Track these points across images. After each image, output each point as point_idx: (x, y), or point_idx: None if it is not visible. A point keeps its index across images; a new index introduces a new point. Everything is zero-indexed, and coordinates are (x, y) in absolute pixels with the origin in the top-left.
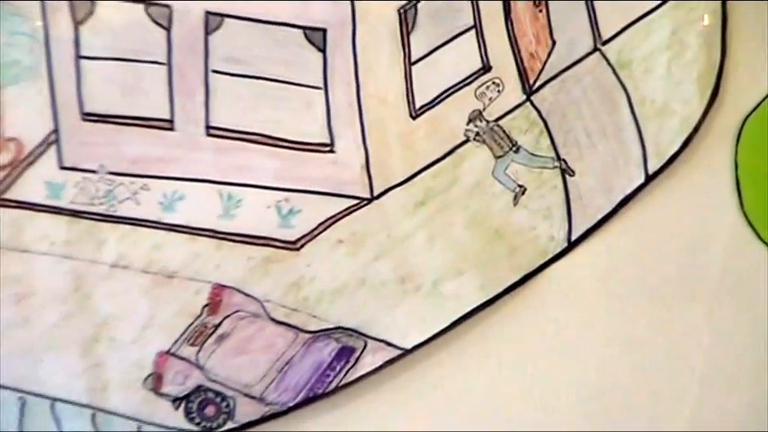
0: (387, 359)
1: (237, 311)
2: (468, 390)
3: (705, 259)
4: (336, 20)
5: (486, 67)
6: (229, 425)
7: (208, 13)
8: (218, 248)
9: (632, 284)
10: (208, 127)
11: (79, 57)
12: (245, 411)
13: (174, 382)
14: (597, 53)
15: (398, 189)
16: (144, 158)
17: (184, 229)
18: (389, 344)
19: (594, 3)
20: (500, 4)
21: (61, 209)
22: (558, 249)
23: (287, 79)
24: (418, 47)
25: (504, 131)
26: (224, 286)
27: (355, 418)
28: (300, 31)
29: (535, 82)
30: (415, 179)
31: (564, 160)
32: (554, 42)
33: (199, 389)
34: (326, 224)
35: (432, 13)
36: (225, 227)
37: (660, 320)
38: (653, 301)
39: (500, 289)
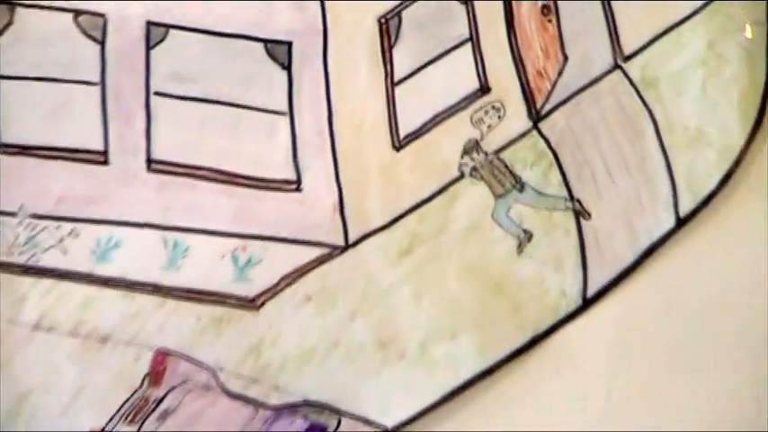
0: None
1: (185, 382)
2: None
3: (746, 319)
4: (304, 31)
5: (484, 88)
6: None
7: (149, 23)
8: (162, 306)
9: (659, 349)
10: (149, 160)
11: None
12: None
13: None
14: (618, 70)
15: (379, 235)
16: (72, 198)
17: (121, 284)
18: (368, 421)
19: (615, 10)
20: (501, 11)
21: None
22: (572, 307)
23: (244, 102)
24: (403, 63)
25: (506, 165)
26: (168, 352)
27: None
28: (261, 44)
29: (543, 105)
30: (399, 222)
31: (578, 200)
32: (566, 58)
33: None
34: (292, 277)
35: (419, 22)
36: (170, 280)
37: (693, 392)
38: (684, 368)
39: (502, 354)
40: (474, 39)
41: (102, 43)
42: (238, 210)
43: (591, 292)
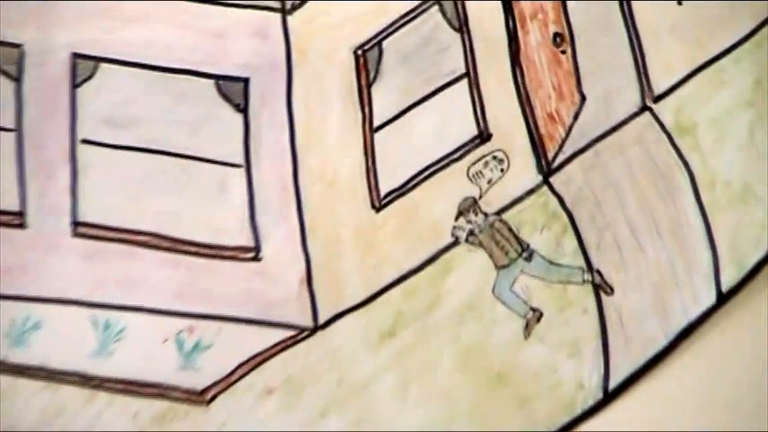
0: None
1: None
2: None
3: None
4: (264, 65)
5: (483, 135)
6: None
7: (75, 55)
8: (91, 400)
9: None
10: (75, 222)
11: None
12: None
13: None
14: (647, 113)
15: (356, 313)
16: None
17: (41, 373)
18: None
19: (643, 39)
20: (504, 40)
21: None
22: (591, 402)
23: (192, 152)
24: (384, 104)
25: (510, 229)
26: None
27: None
28: (212, 81)
29: (556, 156)
30: (381, 298)
31: (598, 271)
32: (584, 97)
33: None
34: (250, 365)
35: (404, 54)
36: (101, 369)
37: None
38: None
39: None
40: (471, 74)
41: (19, 80)
42: (184, 283)
43: (614, 383)
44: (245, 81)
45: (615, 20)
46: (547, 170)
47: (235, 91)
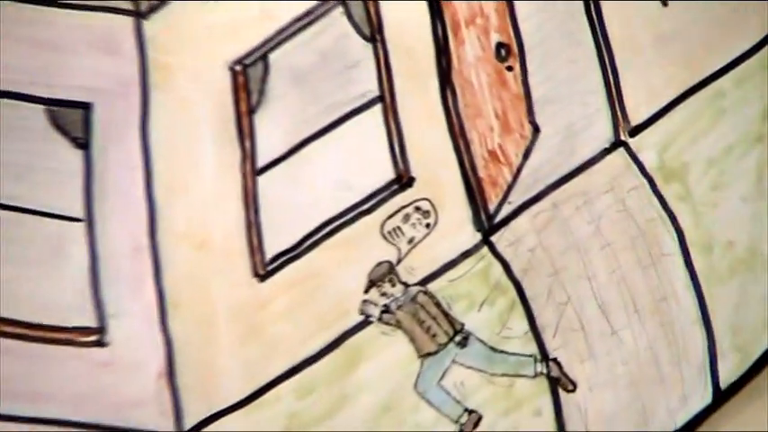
0: None
1: None
2: None
3: None
4: (111, 86)
5: (403, 179)
6: None
7: None
8: None
9: None
10: None
11: None
12: None
13: None
14: (621, 150)
15: (234, 417)
16: None
17: None
18: None
19: (616, 52)
20: (431, 53)
21: None
22: None
23: (17, 202)
24: (271, 138)
25: (438, 304)
26: None
27: None
28: (42, 107)
29: (500, 207)
30: (267, 397)
31: (556, 360)
32: (537, 130)
33: None
34: None
35: (298, 72)
36: None
37: None
38: None
39: None
40: (387, 99)
41: None
42: (8, 378)
43: None
44: (86, 108)
45: (579, 27)
46: (488, 226)
47: (72, 121)
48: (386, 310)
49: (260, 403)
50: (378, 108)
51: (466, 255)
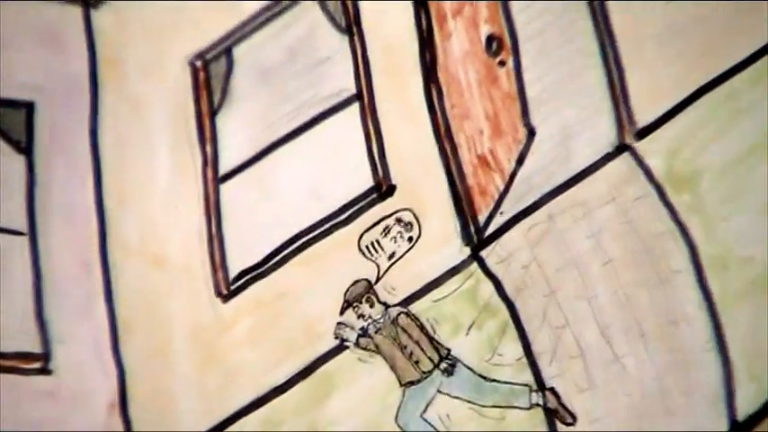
0: None
1: None
2: None
3: None
4: (56, 84)
5: (382, 187)
6: None
7: None
8: None
9: None
10: None
11: None
12: None
13: None
14: (626, 156)
15: None
16: None
17: None
18: None
19: (620, 46)
20: (414, 46)
21: None
22: None
23: None
24: (236, 142)
25: (422, 327)
26: None
27: None
28: None
29: (491, 218)
30: (229, 430)
31: (553, 390)
32: (532, 133)
33: None
34: None
35: (266, 68)
36: None
37: None
38: None
39: None
40: (365, 97)
41: None
42: None
43: None
44: (29, 108)
45: (580, 18)
46: (477, 240)
47: (14, 123)
48: (363, 333)
49: None
50: (354, 108)
51: (453, 272)
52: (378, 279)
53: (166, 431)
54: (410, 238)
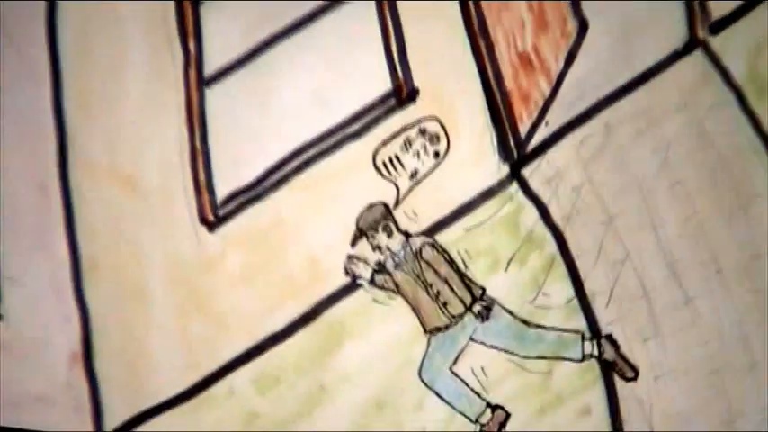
0: None
1: None
2: None
3: None
4: None
5: (400, 92)
6: None
7: None
8: None
9: None
10: None
11: None
12: None
13: None
14: (698, 53)
15: (171, 413)
16: None
17: None
18: None
19: None
20: None
21: None
22: None
23: None
24: (223, 39)
25: (450, 262)
26: None
27: None
28: None
29: (534, 130)
30: (215, 389)
31: (610, 338)
32: (583, 25)
33: None
34: None
35: None
36: None
37: None
38: None
39: None
40: None
41: None
42: None
43: None
44: None
45: None
46: (517, 156)
47: None
48: (379, 269)
49: (206, 399)
50: (371, 3)
51: (488, 195)
52: (397, 203)
53: (140, 388)
54: (436, 154)
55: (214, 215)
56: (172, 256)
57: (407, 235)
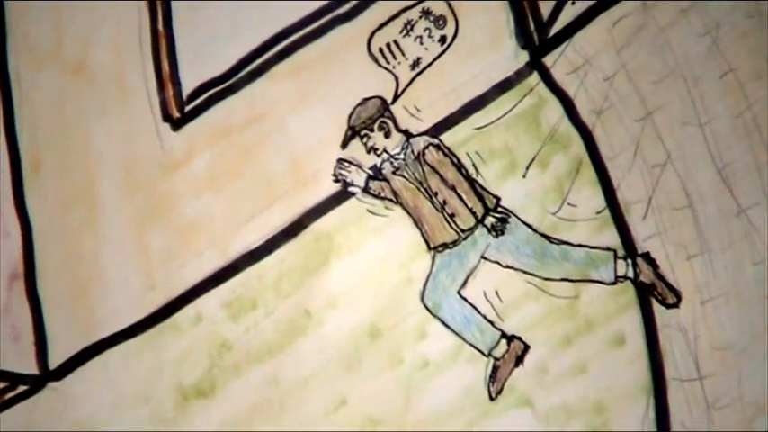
0: None
1: None
2: None
3: None
4: None
5: None
6: None
7: None
8: None
9: None
10: None
11: None
12: None
13: None
14: None
15: (129, 345)
16: None
17: None
18: None
19: None
20: None
21: None
22: None
23: None
24: None
25: (458, 166)
26: None
27: None
28: None
29: (559, 8)
30: (180, 314)
31: (647, 256)
32: None
33: None
34: None
35: None
36: None
37: None
38: None
39: None
40: None
41: None
42: None
43: None
44: None
45: None
46: (539, 41)
47: None
48: (375, 174)
49: (169, 327)
50: None
51: (504, 86)
52: (396, 97)
53: (90, 314)
54: (442, 39)
55: (179, 110)
56: (128, 158)
57: (408, 134)
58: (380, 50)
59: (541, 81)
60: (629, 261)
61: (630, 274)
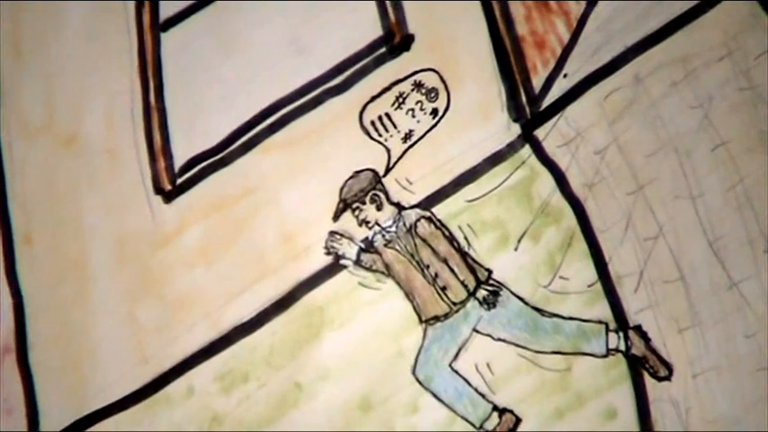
0: None
1: None
2: None
3: None
4: None
5: (392, 37)
6: None
7: None
8: None
9: None
10: None
11: None
12: None
13: None
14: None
15: (121, 417)
16: None
17: None
18: None
19: None
20: None
21: None
22: None
23: None
24: None
25: (450, 239)
26: None
27: None
28: None
29: (551, 82)
30: (172, 387)
31: (639, 330)
32: None
33: None
34: None
35: None
36: None
37: None
38: None
39: None
40: None
41: None
42: None
43: None
44: None
45: None
46: (531, 114)
47: None
48: (367, 247)
49: (161, 399)
50: None
51: (495, 160)
52: (388, 169)
53: (82, 387)
54: (434, 111)
55: (171, 183)
56: (120, 230)
57: (400, 207)
58: (372, 123)
59: (533, 154)
60: (621, 334)
61: (622, 347)
